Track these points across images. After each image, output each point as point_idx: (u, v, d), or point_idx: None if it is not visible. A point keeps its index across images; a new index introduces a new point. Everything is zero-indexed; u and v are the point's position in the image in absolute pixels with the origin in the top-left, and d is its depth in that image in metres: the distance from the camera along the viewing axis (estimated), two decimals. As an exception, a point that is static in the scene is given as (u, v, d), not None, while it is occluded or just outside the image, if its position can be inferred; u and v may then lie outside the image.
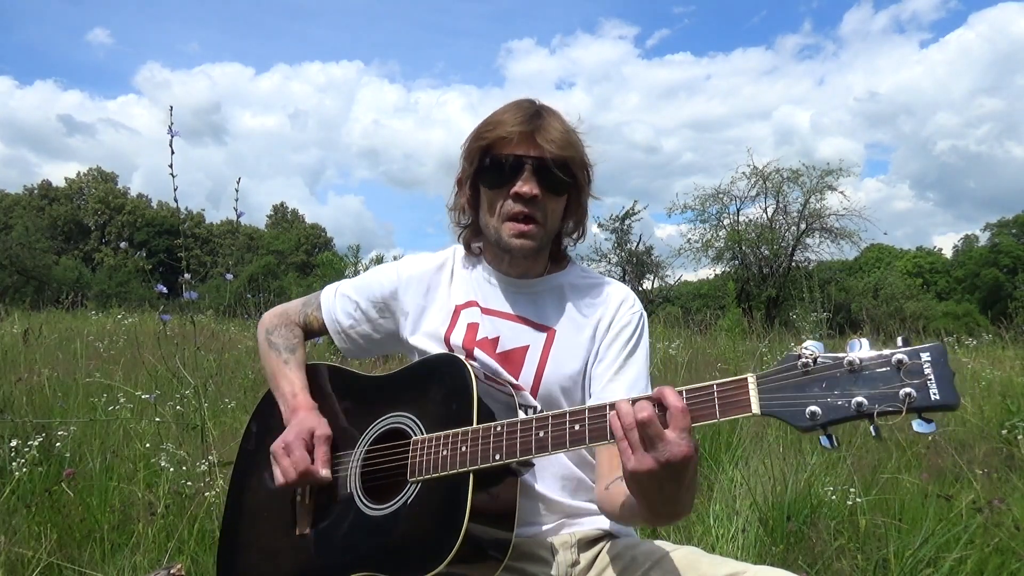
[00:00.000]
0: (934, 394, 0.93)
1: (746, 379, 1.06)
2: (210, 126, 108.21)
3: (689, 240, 26.48)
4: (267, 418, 1.57)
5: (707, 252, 26.24)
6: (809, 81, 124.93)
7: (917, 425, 0.95)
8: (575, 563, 1.39)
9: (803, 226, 25.30)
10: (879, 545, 2.68)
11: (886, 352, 0.98)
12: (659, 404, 1.08)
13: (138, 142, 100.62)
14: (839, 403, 0.98)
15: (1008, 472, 3.72)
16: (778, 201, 25.74)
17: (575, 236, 1.55)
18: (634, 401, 1.09)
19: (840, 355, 1.00)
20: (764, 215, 26.05)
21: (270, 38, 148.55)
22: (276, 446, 1.39)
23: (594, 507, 1.44)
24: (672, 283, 27.65)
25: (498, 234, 1.43)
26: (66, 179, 60.70)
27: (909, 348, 0.97)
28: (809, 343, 1.03)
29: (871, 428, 0.97)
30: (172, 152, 2.98)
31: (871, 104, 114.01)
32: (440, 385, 1.36)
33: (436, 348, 1.48)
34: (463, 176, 1.49)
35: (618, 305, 1.49)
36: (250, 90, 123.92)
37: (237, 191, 3.30)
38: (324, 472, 1.36)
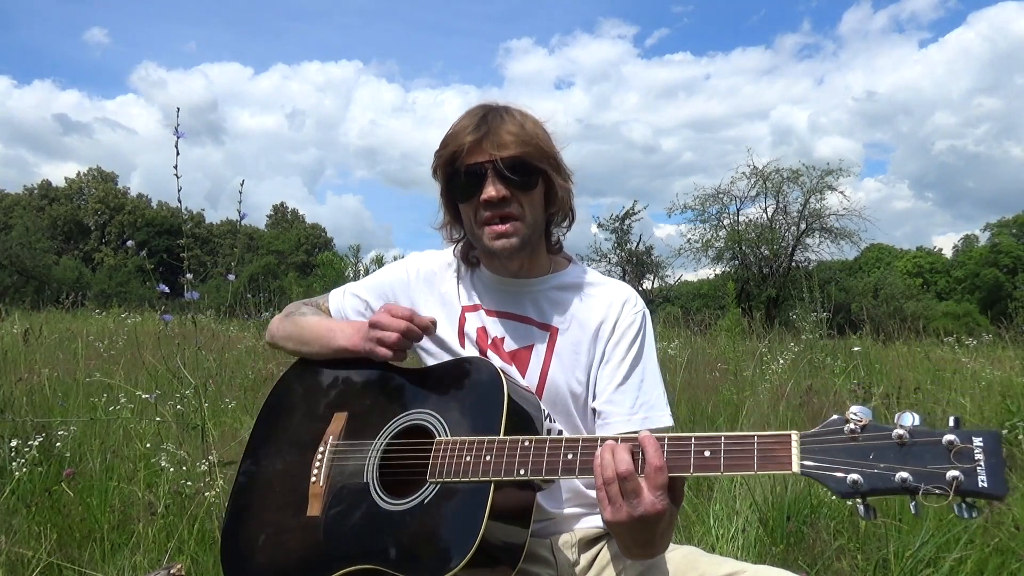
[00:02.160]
0: (982, 481, 0.92)
1: (790, 436, 1.04)
2: (207, 125, 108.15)
3: (689, 240, 26.54)
4: (285, 395, 1.56)
5: (707, 252, 26.31)
6: (808, 80, 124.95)
7: (958, 510, 0.93)
8: (575, 563, 1.40)
9: (803, 226, 25.35)
10: (879, 545, 2.68)
11: (937, 431, 0.96)
12: (642, 452, 1.10)
13: (135, 142, 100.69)
14: (883, 475, 0.96)
15: (1008, 472, 3.72)
16: (778, 201, 25.79)
17: (564, 225, 1.55)
18: (615, 450, 1.11)
19: (889, 427, 0.99)
20: (764, 215, 26.12)
21: (269, 38, 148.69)
22: (375, 317, 1.40)
23: (592, 510, 1.45)
24: (672, 283, 27.69)
25: (481, 242, 1.44)
26: (66, 179, 60.79)
27: (962, 431, 0.95)
28: (856, 408, 1.01)
29: (911, 504, 0.95)
30: (177, 153, 2.97)
31: (869, 104, 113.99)
32: (471, 389, 1.35)
33: (446, 349, 1.49)
34: (440, 194, 1.51)
35: (621, 305, 1.50)
36: (249, 90, 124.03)
37: (241, 192, 3.28)
38: (428, 315, 1.39)
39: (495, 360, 1.44)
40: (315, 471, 1.39)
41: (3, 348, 5.08)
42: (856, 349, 6.30)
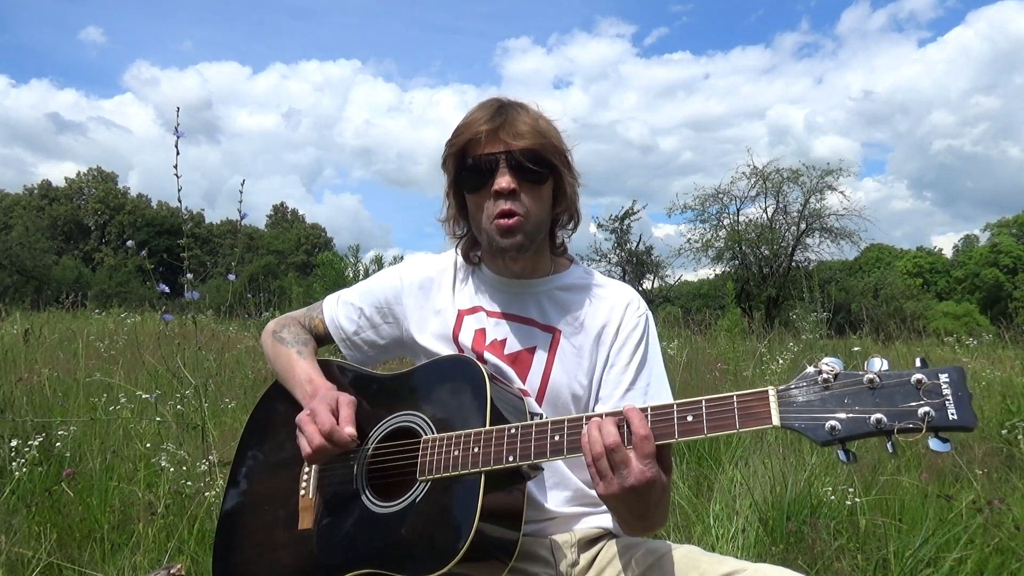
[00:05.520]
0: (952, 414, 0.95)
1: (767, 391, 1.07)
2: (203, 124, 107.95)
3: (689, 240, 26.53)
4: (268, 414, 1.57)
5: (707, 252, 26.28)
6: (808, 80, 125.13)
7: (933, 444, 0.97)
8: (575, 563, 1.40)
9: (803, 226, 25.33)
10: (879, 545, 2.68)
11: (905, 372, 1.00)
12: (627, 424, 1.12)
13: (131, 141, 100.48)
14: (858, 419, 1.00)
15: (1008, 472, 3.72)
16: (778, 201, 25.79)
17: (569, 227, 1.54)
18: (601, 425, 1.13)
19: (860, 372, 1.02)
20: (764, 215, 26.10)
21: (268, 37, 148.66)
22: (302, 415, 1.35)
23: (593, 510, 1.45)
24: (672, 283, 27.67)
25: (489, 236, 1.42)
26: (66, 179, 60.75)
27: (928, 368, 0.99)
28: (828, 359, 1.05)
29: (888, 444, 0.99)
30: (177, 153, 2.97)
31: (867, 103, 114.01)
32: (452, 386, 1.35)
33: (444, 350, 1.48)
34: (447, 186, 1.50)
35: (624, 308, 1.49)
36: (247, 89, 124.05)
37: (241, 192, 3.28)
38: (349, 430, 1.31)
39: (495, 362, 1.44)
40: (303, 484, 1.39)
41: (3, 348, 5.08)
42: (856, 349, 6.30)
